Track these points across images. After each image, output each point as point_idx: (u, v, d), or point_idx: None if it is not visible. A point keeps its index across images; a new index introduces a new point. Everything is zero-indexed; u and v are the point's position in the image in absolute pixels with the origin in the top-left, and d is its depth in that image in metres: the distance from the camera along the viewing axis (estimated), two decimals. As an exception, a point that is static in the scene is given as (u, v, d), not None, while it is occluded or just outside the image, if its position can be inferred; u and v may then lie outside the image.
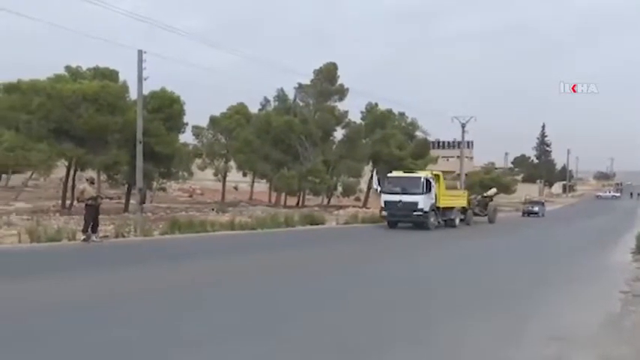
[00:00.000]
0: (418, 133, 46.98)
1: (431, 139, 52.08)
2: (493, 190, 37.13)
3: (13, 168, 25.47)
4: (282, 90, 39.19)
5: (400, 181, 24.36)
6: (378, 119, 43.39)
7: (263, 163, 37.09)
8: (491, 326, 6.55)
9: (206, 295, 8.22)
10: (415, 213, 23.17)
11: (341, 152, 38.33)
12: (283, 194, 39.97)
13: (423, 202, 23.21)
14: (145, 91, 24.53)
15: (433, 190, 23.92)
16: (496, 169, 79.81)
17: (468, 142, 75.04)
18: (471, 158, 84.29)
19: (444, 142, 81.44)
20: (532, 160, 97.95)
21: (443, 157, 70.48)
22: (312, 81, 37.94)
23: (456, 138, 76.78)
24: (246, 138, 36.65)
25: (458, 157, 59.24)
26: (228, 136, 39.51)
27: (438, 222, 24.51)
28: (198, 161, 39.87)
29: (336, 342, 5.67)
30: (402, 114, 46.15)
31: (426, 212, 23.28)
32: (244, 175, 43.85)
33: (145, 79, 22.77)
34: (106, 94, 23.70)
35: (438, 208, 24.35)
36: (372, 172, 25.71)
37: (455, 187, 53.70)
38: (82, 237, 14.45)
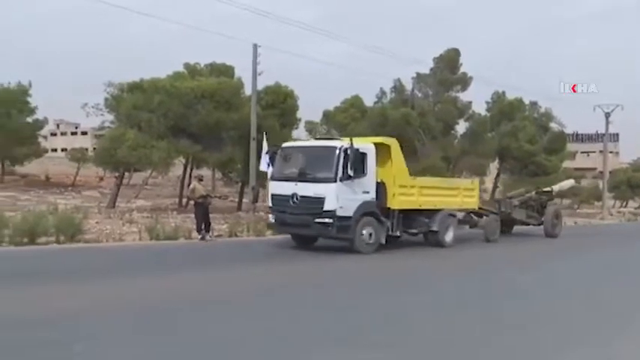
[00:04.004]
0: (553, 125, 44.07)
1: (568, 131, 48.62)
2: (567, 183, 25.75)
3: (135, 166, 27.43)
4: (399, 81, 38.35)
5: (300, 157, 14.13)
6: (505, 110, 41.25)
7: (378, 160, 36.77)
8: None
9: (315, 295, 8.32)
10: (319, 220, 12.88)
11: (463, 147, 36.84)
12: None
13: (336, 197, 12.82)
14: (260, 86, 25.34)
15: (370, 174, 13.51)
16: (648, 165, 72.62)
17: (613, 135, 69.17)
18: (617, 153, 77.76)
19: (583, 135, 75.63)
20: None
21: (582, 152, 65.79)
22: (431, 70, 36.80)
23: (598, 130, 71.10)
24: (361, 133, 36.47)
25: (600, 151, 54.80)
26: (342, 131, 39.63)
27: (395, 237, 14.60)
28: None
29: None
30: (533, 103, 43.53)
31: (344, 218, 12.88)
32: (358, 172, 43.75)
33: (260, 74, 23.53)
34: (222, 90, 24.70)
35: (388, 210, 14.14)
36: (263, 136, 16.67)
37: (596, 187, 49.90)
38: (199, 236, 15.18)
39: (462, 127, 38.33)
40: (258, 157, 23.27)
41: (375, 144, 14.14)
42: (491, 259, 14.87)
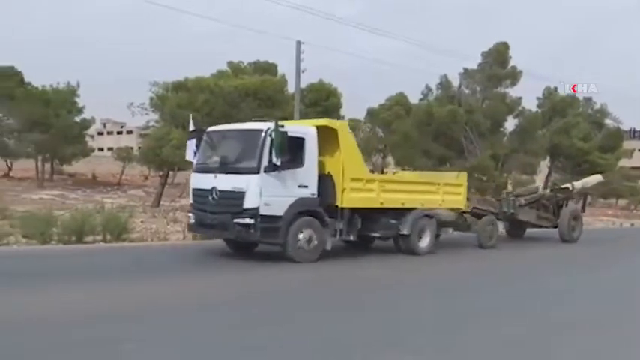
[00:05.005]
0: (608, 122, 42.71)
1: (624, 127, 46.90)
2: (592, 179, 21.89)
3: (179, 165, 27.93)
4: (445, 76, 37.71)
5: (223, 143, 11.95)
6: (557, 106, 40.16)
7: (423, 159, 36.25)
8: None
9: (365, 297, 8.14)
10: (239, 221, 10.65)
11: (513, 145, 35.95)
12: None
13: (259, 192, 10.55)
14: (303, 84, 25.43)
15: (309, 165, 11.29)
16: None
17: (673, 131, 66.30)
18: (678, 151, 74.42)
19: (641, 132, 72.71)
20: None
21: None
22: (479, 65, 35.99)
23: (657, 126, 68.42)
24: (406, 132, 36.08)
25: (660, 149, 52.53)
26: (387, 130, 39.35)
27: (346, 240, 12.59)
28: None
29: None
30: (587, 99, 42.24)
31: (270, 218, 10.65)
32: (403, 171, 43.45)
33: (303, 71, 23.64)
34: (265, 88, 24.88)
35: (336, 208, 11.76)
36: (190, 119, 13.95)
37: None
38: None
39: (511, 124, 37.48)
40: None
41: (318, 127, 11.65)
42: (456, 275, 11.69)
